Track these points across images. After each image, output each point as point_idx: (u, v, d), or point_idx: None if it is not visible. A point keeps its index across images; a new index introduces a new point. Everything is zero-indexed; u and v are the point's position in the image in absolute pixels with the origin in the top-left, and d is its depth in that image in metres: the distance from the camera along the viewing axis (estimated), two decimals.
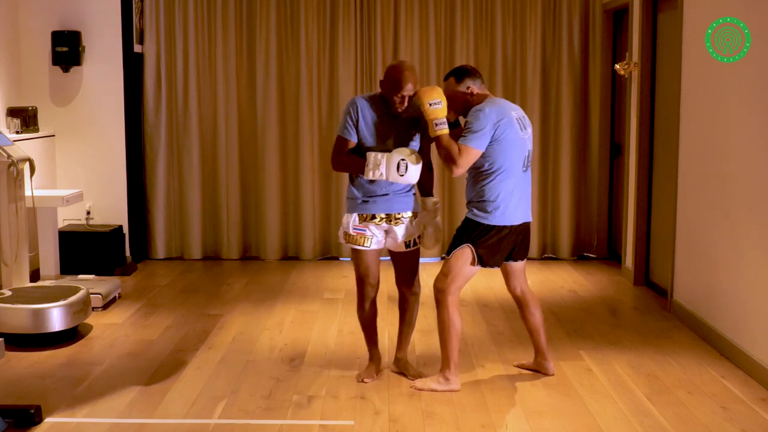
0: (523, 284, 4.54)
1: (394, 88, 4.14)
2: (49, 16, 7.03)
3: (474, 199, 4.30)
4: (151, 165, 7.58)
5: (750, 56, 4.65)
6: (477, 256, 4.25)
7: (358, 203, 4.34)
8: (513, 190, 4.25)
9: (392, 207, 4.33)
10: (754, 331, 4.61)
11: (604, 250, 7.75)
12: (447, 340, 4.31)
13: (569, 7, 7.49)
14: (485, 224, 4.25)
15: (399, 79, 4.13)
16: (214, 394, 4.32)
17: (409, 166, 4.10)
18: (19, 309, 4.99)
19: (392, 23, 7.52)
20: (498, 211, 4.23)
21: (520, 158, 4.27)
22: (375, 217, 4.33)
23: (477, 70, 4.42)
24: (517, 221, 4.31)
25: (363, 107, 4.25)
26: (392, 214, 4.34)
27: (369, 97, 4.31)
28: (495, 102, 4.27)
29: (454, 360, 4.34)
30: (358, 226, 4.34)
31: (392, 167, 4.10)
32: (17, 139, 6.30)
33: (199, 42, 7.49)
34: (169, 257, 7.69)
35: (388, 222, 4.35)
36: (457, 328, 4.30)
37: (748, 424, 3.96)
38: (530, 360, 4.70)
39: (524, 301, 4.55)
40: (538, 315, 4.56)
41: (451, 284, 4.28)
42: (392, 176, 4.12)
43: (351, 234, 4.36)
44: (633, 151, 6.75)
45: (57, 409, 4.11)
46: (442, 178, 7.62)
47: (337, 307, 6.05)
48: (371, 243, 4.36)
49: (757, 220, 4.58)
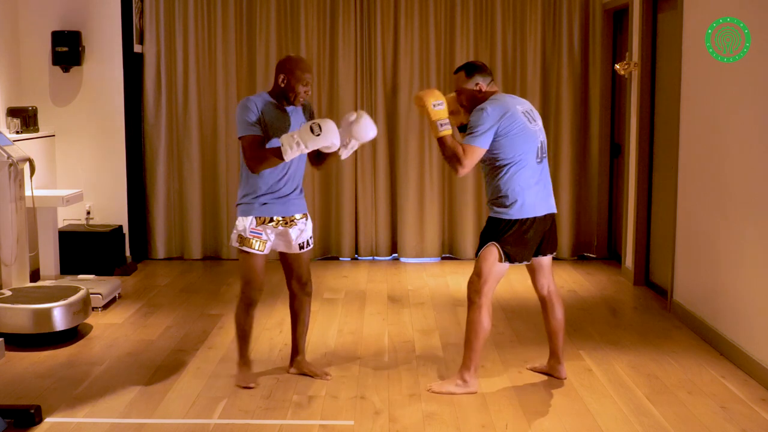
0: (550, 283, 4.48)
1: (299, 78, 4.16)
2: (49, 16, 7.03)
3: (492, 197, 4.27)
4: (151, 165, 7.58)
5: (750, 56, 4.65)
6: (504, 254, 4.21)
7: (255, 206, 4.29)
8: (530, 181, 4.21)
9: (288, 210, 4.31)
10: (754, 331, 4.61)
11: (604, 250, 7.75)
12: (473, 340, 4.28)
13: (569, 7, 7.49)
14: (507, 219, 4.21)
15: (302, 68, 4.17)
16: (214, 394, 4.32)
17: (322, 125, 4.02)
18: (19, 309, 4.99)
19: (392, 23, 7.53)
20: (517, 204, 4.19)
21: (532, 149, 4.23)
22: (272, 220, 4.30)
23: (487, 66, 4.38)
24: (539, 212, 4.26)
25: (261, 104, 4.22)
26: (287, 216, 4.33)
27: (258, 96, 4.29)
28: (498, 99, 4.24)
29: (475, 362, 4.31)
30: (255, 229, 4.29)
31: (306, 134, 4.00)
32: (17, 139, 6.31)
33: (199, 42, 7.49)
34: (169, 257, 7.69)
35: (284, 225, 4.33)
36: (485, 330, 4.26)
37: (748, 424, 3.96)
38: (543, 362, 4.66)
39: (549, 302, 4.49)
40: (561, 317, 4.51)
41: (484, 285, 4.24)
42: (311, 142, 3.99)
43: (247, 237, 4.30)
44: (633, 151, 6.75)
45: (57, 409, 4.11)
46: (442, 179, 7.63)
47: (337, 307, 6.05)
48: (265, 247, 4.33)
49: (757, 220, 4.58)
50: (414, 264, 7.57)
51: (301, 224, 4.40)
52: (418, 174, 7.61)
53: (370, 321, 5.71)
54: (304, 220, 4.42)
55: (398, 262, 7.64)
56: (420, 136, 7.56)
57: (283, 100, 4.26)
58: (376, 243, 7.73)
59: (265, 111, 4.21)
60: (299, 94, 4.21)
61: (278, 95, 4.26)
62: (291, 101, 4.24)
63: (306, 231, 4.44)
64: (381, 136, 7.57)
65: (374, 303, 6.18)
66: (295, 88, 4.20)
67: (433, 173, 7.61)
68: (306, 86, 4.21)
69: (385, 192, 7.67)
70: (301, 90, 4.20)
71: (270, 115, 4.22)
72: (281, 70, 4.22)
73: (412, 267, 7.45)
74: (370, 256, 7.77)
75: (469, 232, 7.62)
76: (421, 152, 7.58)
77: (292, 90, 4.20)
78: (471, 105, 4.31)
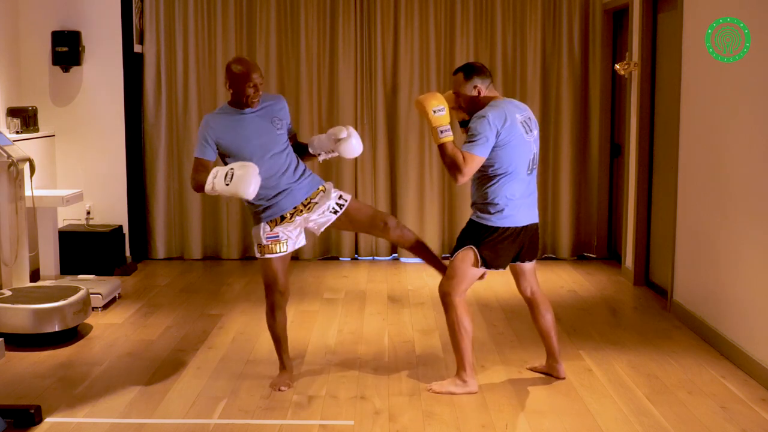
0: (533, 286, 4.50)
1: (244, 79, 4.14)
2: (49, 16, 7.03)
3: (478, 201, 4.28)
4: (151, 165, 7.58)
5: (750, 56, 4.65)
6: (480, 258, 4.23)
7: (261, 212, 4.28)
8: (517, 193, 4.22)
9: (296, 198, 4.26)
10: (754, 331, 4.61)
11: (604, 250, 7.75)
12: (458, 341, 4.28)
13: (569, 7, 7.49)
14: (488, 226, 4.23)
15: (245, 69, 4.15)
16: (214, 394, 4.32)
17: (237, 172, 3.98)
18: (19, 309, 4.99)
19: (392, 23, 7.53)
20: (501, 213, 4.21)
21: (525, 161, 4.23)
22: (284, 218, 4.28)
23: (487, 69, 4.36)
24: (521, 223, 4.27)
25: (215, 123, 4.22)
26: (299, 205, 4.28)
27: (218, 111, 4.31)
28: (498, 106, 4.21)
29: (468, 361, 4.31)
30: (270, 233, 4.28)
31: (220, 178, 4.01)
32: (17, 139, 6.30)
33: (199, 42, 7.49)
34: (169, 257, 7.69)
35: (301, 212, 4.29)
36: (467, 329, 4.27)
37: (748, 424, 3.95)
38: (542, 362, 4.66)
39: (535, 303, 4.52)
40: (549, 317, 4.52)
41: (456, 287, 4.26)
42: (219, 186, 4.00)
43: (265, 245, 4.29)
44: (633, 151, 6.75)
45: (57, 409, 4.11)
46: (442, 179, 7.63)
47: (337, 307, 6.05)
48: (287, 246, 4.31)
49: (757, 220, 4.58)
50: (414, 264, 7.57)
51: (320, 199, 4.32)
52: (418, 174, 7.61)
53: (370, 321, 5.71)
54: (322, 194, 4.34)
55: (398, 262, 7.64)
56: (420, 136, 7.56)
57: (239, 105, 4.24)
58: (376, 243, 7.73)
59: (219, 126, 4.21)
60: (249, 96, 4.18)
61: (233, 102, 4.26)
62: (245, 104, 4.21)
63: (331, 200, 4.32)
64: (381, 136, 7.58)
65: (374, 303, 6.18)
66: (243, 90, 4.17)
67: (433, 173, 7.61)
68: (253, 86, 4.16)
69: (385, 192, 7.67)
70: (250, 92, 4.17)
71: (225, 127, 4.21)
72: (228, 74, 4.20)
73: (412, 267, 7.45)
74: (370, 256, 7.77)
75: None
76: (421, 152, 7.58)
77: (241, 93, 4.18)
78: (469, 108, 4.30)
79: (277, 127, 4.27)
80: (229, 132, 4.20)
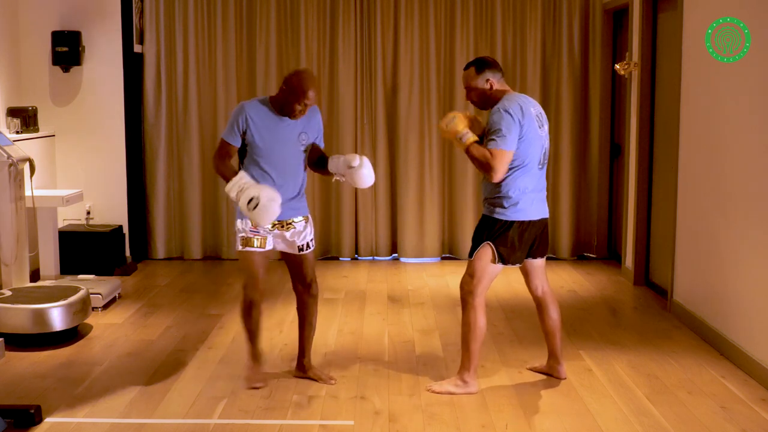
0: (544, 284, 4.49)
1: (299, 95, 4.17)
2: (49, 16, 7.03)
3: (490, 196, 4.28)
4: (151, 165, 7.58)
5: (750, 56, 4.65)
6: (498, 254, 4.22)
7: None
8: (529, 186, 4.23)
9: (284, 214, 4.27)
10: (754, 331, 4.61)
11: (604, 250, 7.75)
12: (470, 341, 4.28)
13: (569, 7, 7.49)
14: (504, 220, 4.22)
15: (304, 88, 4.17)
16: (214, 394, 4.32)
17: (261, 204, 4.03)
18: (19, 309, 4.99)
19: (392, 23, 7.53)
20: (516, 207, 4.20)
21: (538, 155, 4.24)
22: None
23: (498, 63, 4.36)
24: (535, 216, 4.27)
25: (252, 113, 4.26)
26: (284, 220, 4.32)
27: (259, 101, 4.33)
28: (514, 99, 4.21)
29: (474, 363, 4.31)
30: (252, 228, 4.30)
31: (245, 198, 4.06)
32: (17, 139, 6.30)
33: (199, 42, 7.49)
34: (169, 257, 7.69)
35: (280, 228, 4.33)
36: (481, 330, 4.27)
37: (748, 424, 3.96)
38: (543, 362, 4.66)
39: (544, 302, 4.50)
40: (556, 317, 4.51)
41: (477, 285, 4.26)
42: (241, 203, 4.08)
43: (250, 237, 4.30)
44: (633, 151, 6.75)
45: (57, 409, 4.11)
46: (442, 179, 7.62)
47: (337, 307, 6.05)
48: (266, 243, 4.32)
49: (757, 220, 4.58)
50: (414, 264, 7.57)
51: (300, 226, 4.38)
52: (418, 174, 7.61)
53: (370, 321, 5.71)
54: (304, 223, 4.41)
55: (398, 262, 7.64)
56: (420, 136, 7.56)
57: (280, 111, 4.27)
58: (376, 243, 7.73)
59: (258, 118, 4.25)
60: (295, 112, 4.22)
61: (277, 104, 4.28)
62: (287, 115, 4.25)
63: (306, 234, 4.42)
64: (381, 136, 7.58)
65: (374, 303, 6.18)
66: (293, 105, 4.20)
67: (433, 173, 7.60)
68: (304, 105, 4.21)
69: (385, 192, 7.67)
70: (297, 109, 4.21)
71: (262, 122, 4.24)
72: (286, 83, 4.23)
73: (412, 267, 7.45)
74: (370, 256, 7.77)
75: (469, 232, 7.59)
76: (421, 152, 7.58)
77: (289, 105, 4.21)
78: (481, 102, 4.30)
79: (302, 141, 4.33)
80: (262, 128, 4.24)
